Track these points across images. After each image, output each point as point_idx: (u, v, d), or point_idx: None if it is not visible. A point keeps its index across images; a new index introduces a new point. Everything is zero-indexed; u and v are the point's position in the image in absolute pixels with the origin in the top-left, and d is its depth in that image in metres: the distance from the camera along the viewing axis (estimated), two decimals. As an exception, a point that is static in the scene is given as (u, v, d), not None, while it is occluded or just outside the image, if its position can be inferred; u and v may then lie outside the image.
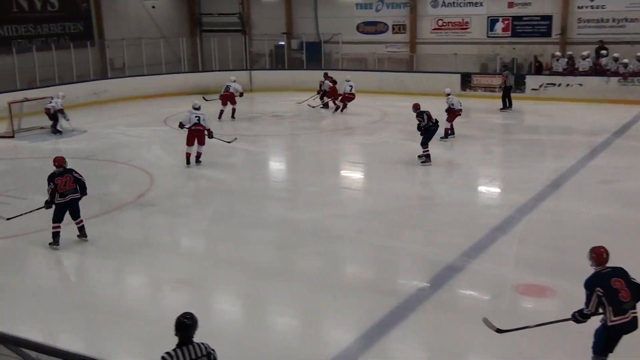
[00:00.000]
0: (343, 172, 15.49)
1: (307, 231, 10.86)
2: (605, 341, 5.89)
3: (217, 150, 15.96)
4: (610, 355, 6.03)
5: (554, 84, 23.17)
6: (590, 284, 5.83)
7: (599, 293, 5.74)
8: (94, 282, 9.21)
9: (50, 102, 18.72)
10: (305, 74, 27.33)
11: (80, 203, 10.24)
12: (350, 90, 21.43)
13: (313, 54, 28.34)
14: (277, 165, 16.32)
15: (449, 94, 17.62)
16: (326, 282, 8.83)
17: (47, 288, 8.90)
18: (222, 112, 20.31)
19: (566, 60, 23.42)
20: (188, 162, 14.92)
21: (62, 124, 18.87)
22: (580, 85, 22.88)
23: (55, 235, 10.08)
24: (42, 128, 19.28)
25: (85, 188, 10.28)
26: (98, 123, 20.26)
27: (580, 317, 5.97)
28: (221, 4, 30.57)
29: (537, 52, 24.73)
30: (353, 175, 15.33)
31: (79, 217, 10.31)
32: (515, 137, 17.98)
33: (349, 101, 21.70)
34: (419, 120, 14.78)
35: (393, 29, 27.85)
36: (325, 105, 22.32)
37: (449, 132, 17.27)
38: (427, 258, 9.57)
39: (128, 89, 24.86)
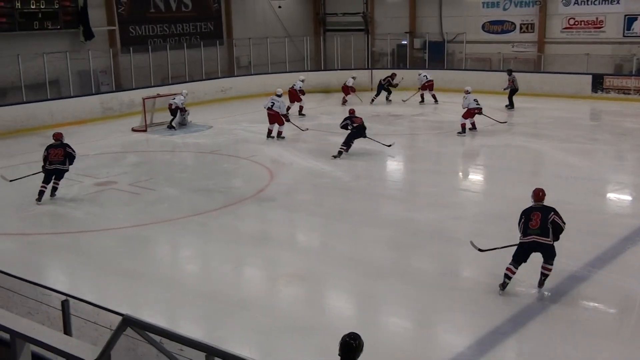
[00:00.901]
0: (462, 174, 15.16)
1: (424, 232, 10.71)
2: (517, 253, 8.11)
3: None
4: None
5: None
6: (522, 212, 8.12)
7: (522, 218, 8.02)
8: (214, 271, 9.54)
9: (174, 99, 19.61)
10: (427, 73, 26.98)
11: (205, 195, 10.70)
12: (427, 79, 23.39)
13: (436, 54, 27.95)
14: (395, 165, 16.20)
15: (468, 92, 18.34)
16: (442, 285, 8.66)
17: (171, 275, 9.31)
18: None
19: None
20: (267, 136, 17.74)
21: (179, 120, 19.65)
22: None
23: (40, 193, 12.26)
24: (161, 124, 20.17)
25: (73, 160, 12.48)
26: (223, 119, 20.99)
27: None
28: (345, 3, 30.83)
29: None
30: (473, 177, 14.98)
31: (59, 181, 12.49)
32: (651, 143, 16.86)
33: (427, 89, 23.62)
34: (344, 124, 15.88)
35: (521, 28, 26.92)
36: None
37: (465, 128, 17.98)
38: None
39: (253, 86, 25.61)
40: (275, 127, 17.82)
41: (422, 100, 23.87)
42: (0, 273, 6.30)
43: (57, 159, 12.27)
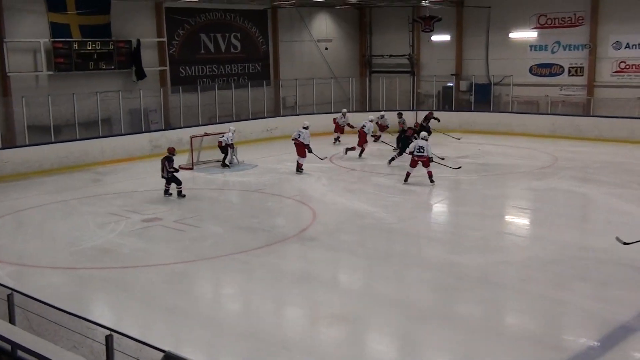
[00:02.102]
0: (508, 217, 14.92)
1: (469, 276, 10.53)
2: None
3: (379, 189, 16.07)
4: None
5: None
6: None
7: None
8: (256, 310, 9.53)
9: (223, 136, 19.93)
10: (472, 115, 26.94)
11: (249, 233, 10.79)
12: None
13: (482, 96, 27.83)
14: (439, 207, 16.06)
15: (370, 121, 21.02)
16: (486, 330, 8.48)
17: (213, 313, 9.34)
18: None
19: None
20: (297, 170, 18.72)
21: (232, 158, 19.97)
22: None
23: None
24: (218, 161, 20.52)
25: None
26: (268, 158, 21.19)
27: None
28: (392, 45, 31.11)
29: None
30: (519, 220, 14.72)
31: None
32: None
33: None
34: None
35: (569, 71, 26.66)
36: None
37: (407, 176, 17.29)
38: (598, 314, 8.87)
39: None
40: (299, 159, 18.73)
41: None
42: (48, 306, 6.42)
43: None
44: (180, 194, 16.08)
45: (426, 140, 17.17)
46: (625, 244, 8.13)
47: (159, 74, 24.87)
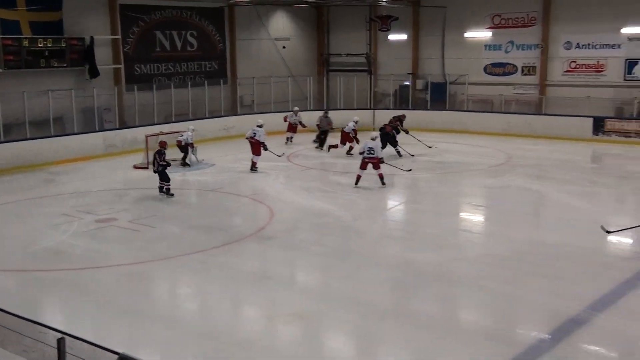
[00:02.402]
0: (464, 215, 15.15)
1: (425, 273, 10.66)
2: None
3: (336, 187, 16.13)
4: None
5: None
6: None
7: None
8: (214, 310, 9.47)
9: (182, 135, 19.74)
10: (429, 114, 27.26)
11: (206, 232, 10.68)
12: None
13: (438, 95, 28.19)
14: (395, 205, 16.21)
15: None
16: (442, 327, 8.59)
17: (170, 313, 9.25)
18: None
19: None
20: (251, 169, 18.63)
21: (191, 157, 19.82)
22: None
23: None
24: (174, 161, 20.30)
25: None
26: (225, 157, 21.07)
27: None
28: (349, 44, 31.24)
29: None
30: (474, 218, 14.95)
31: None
32: (653, 186, 16.87)
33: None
34: None
35: (522, 70, 27.21)
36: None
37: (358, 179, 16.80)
38: (549, 308, 9.08)
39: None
40: (254, 157, 18.75)
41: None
42: (-2, 310, 6.27)
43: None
44: (167, 192, 15.87)
45: (374, 140, 16.68)
46: (608, 232, 8.54)
47: (113, 72, 24.48)
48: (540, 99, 26.35)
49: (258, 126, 19.15)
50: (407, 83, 29.69)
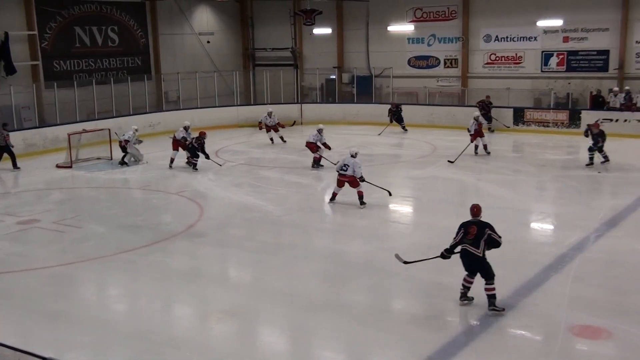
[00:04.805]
0: (392, 206, 15.37)
1: (356, 265, 10.78)
2: (464, 265, 8.85)
3: (268, 182, 16.09)
4: None
5: (611, 120, 22.58)
6: (460, 226, 8.81)
7: (461, 232, 8.70)
8: (143, 310, 9.30)
9: (124, 135, 19.26)
10: (355, 107, 27.55)
11: (133, 231, 10.44)
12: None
13: (364, 88, 28.51)
14: (325, 198, 16.29)
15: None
16: (374, 317, 8.72)
17: (98, 315, 9.02)
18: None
19: (624, 95, 22.91)
20: (170, 165, 18.80)
21: (138, 156, 19.38)
22: (639, 121, 22.35)
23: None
24: (98, 159, 19.80)
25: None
26: (152, 154, 20.65)
27: (445, 252, 8.94)
28: (274, 39, 31.16)
29: (593, 87, 24.32)
30: (402, 209, 15.21)
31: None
32: (571, 173, 17.54)
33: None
34: None
35: (445, 63, 27.85)
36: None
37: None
38: (477, 295, 9.33)
39: (182, 121, 25.33)
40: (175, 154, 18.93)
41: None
42: None
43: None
44: (194, 167, 18.02)
45: (354, 157, 14.41)
46: (405, 262, 8.91)
47: (30, 69, 23.63)
48: (462, 90, 27.03)
49: (184, 128, 19.08)
50: (333, 77, 29.89)
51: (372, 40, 29.13)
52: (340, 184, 14.49)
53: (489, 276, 8.63)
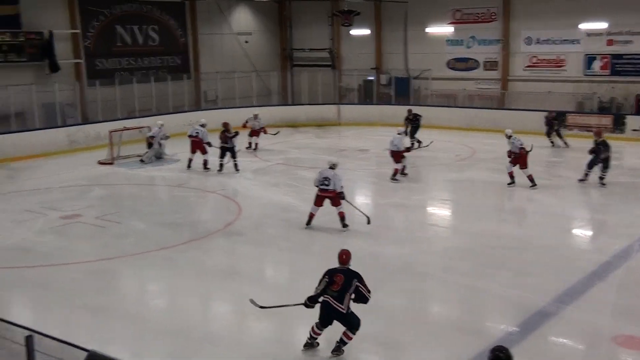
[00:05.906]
0: (430, 209, 15.27)
1: (392, 267, 10.72)
2: (320, 315, 7.67)
3: (303, 182, 16.11)
4: None
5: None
6: (325, 273, 7.65)
7: (325, 279, 7.56)
8: (181, 306, 9.38)
9: (150, 131, 19.51)
10: (393, 108, 27.39)
11: (172, 228, 10.63)
12: None
13: (401, 89, 28.38)
14: (362, 199, 16.23)
15: (510, 136, 16.47)
16: (410, 320, 8.67)
17: (137, 310, 9.15)
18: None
19: (670, 100, 22.37)
20: (188, 166, 18.35)
21: (154, 153, 19.57)
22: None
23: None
24: (139, 156, 20.07)
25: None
26: (186, 154, 20.84)
27: (309, 301, 7.66)
28: (312, 39, 31.22)
29: (639, 92, 23.79)
30: (440, 212, 15.09)
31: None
32: (615, 179, 17.17)
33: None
34: None
35: (484, 65, 27.55)
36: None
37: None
38: (516, 301, 9.21)
39: (220, 120, 25.52)
40: (200, 156, 18.21)
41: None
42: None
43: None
44: (235, 167, 17.77)
45: (333, 168, 12.59)
46: (261, 307, 8.12)
47: (74, 67, 24.07)
48: (502, 93, 26.72)
49: (201, 125, 18.59)
50: (371, 78, 29.80)
51: (411, 41, 28.97)
52: (318, 202, 12.60)
53: (352, 327, 7.63)
